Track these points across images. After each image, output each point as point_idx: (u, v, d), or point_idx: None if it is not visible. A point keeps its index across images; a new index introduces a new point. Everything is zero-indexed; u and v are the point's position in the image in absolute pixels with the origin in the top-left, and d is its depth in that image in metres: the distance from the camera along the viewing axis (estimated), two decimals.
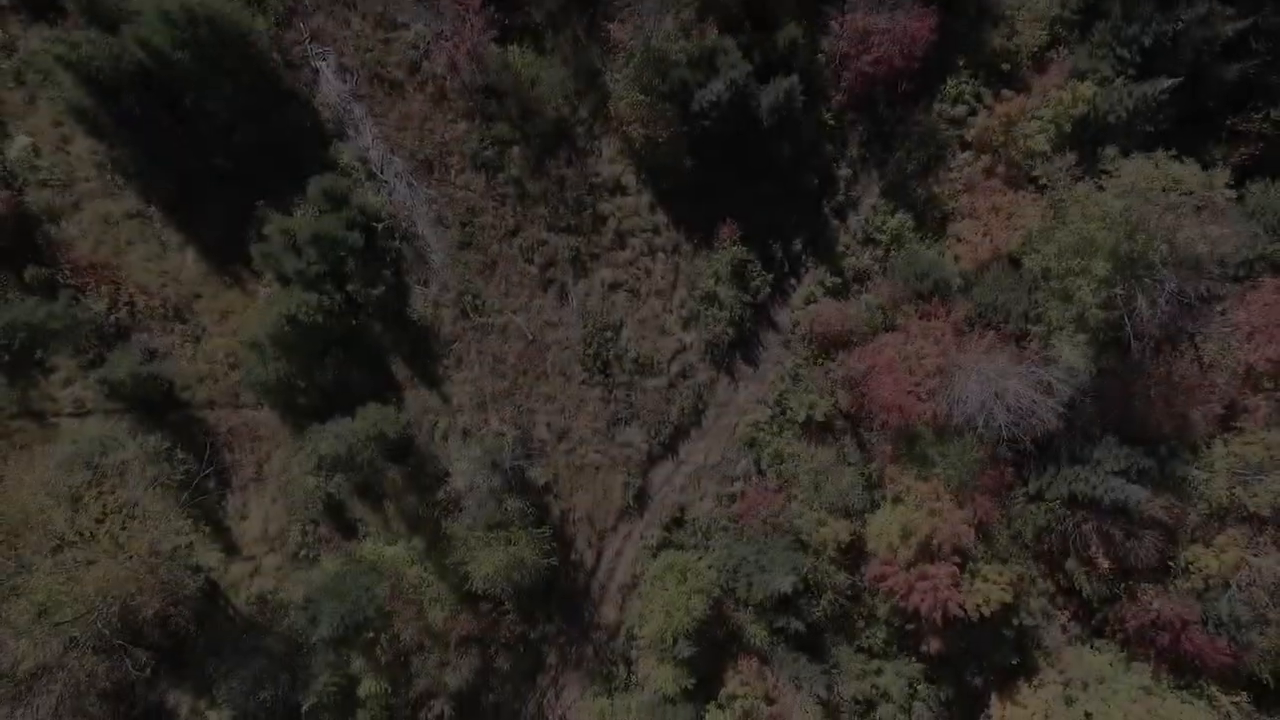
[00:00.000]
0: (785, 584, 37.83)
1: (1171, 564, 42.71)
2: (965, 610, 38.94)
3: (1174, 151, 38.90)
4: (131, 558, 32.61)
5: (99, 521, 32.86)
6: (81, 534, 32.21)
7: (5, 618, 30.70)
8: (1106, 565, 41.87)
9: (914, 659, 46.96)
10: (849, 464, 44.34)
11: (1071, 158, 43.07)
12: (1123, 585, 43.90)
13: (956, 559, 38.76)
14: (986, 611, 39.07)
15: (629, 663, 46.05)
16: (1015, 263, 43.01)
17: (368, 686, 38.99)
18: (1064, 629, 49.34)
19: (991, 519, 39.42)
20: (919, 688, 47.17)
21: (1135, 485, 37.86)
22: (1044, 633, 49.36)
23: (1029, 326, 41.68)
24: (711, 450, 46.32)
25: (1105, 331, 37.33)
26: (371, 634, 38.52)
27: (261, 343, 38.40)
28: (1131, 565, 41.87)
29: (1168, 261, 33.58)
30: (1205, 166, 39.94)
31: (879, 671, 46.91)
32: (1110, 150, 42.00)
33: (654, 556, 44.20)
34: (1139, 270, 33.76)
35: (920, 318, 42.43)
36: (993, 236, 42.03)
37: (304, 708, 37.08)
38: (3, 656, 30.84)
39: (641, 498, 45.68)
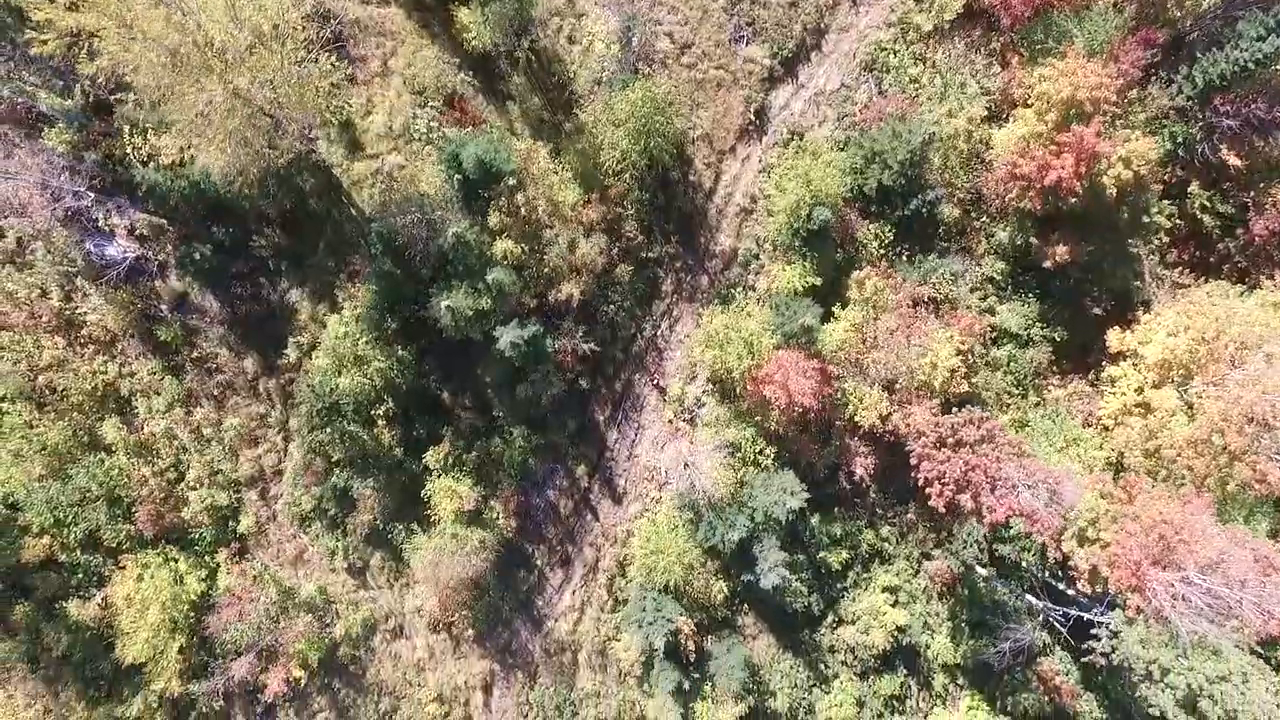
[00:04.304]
0: (929, 128, 37.43)
1: None
2: (1105, 175, 38.43)
3: None
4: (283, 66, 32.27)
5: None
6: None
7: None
8: (1238, 164, 41.32)
9: (1031, 296, 46.71)
10: (976, 67, 43.96)
11: None
12: (1250, 194, 43.49)
13: (1100, 118, 38.18)
14: (1128, 174, 38.49)
15: (747, 288, 45.83)
16: None
17: (502, 247, 38.81)
18: (1176, 286, 48.82)
19: (1137, 70, 38.84)
20: (1033, 331, 46.96)
21: None
22: (1154, 298, 48.92)
23: None
24: (831, 76, 45.93)
25: None
26: (513, 183, 38.17)
27: None
28: (1266, 161, 41.39)
29: None
30: None
31: (992, 311, 46.68)
32: None
33: (778, 161, 43.87)
34: None
35: None
36: None
37: (446, 243, 36.82)
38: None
39: (760, 119, 45.42)
